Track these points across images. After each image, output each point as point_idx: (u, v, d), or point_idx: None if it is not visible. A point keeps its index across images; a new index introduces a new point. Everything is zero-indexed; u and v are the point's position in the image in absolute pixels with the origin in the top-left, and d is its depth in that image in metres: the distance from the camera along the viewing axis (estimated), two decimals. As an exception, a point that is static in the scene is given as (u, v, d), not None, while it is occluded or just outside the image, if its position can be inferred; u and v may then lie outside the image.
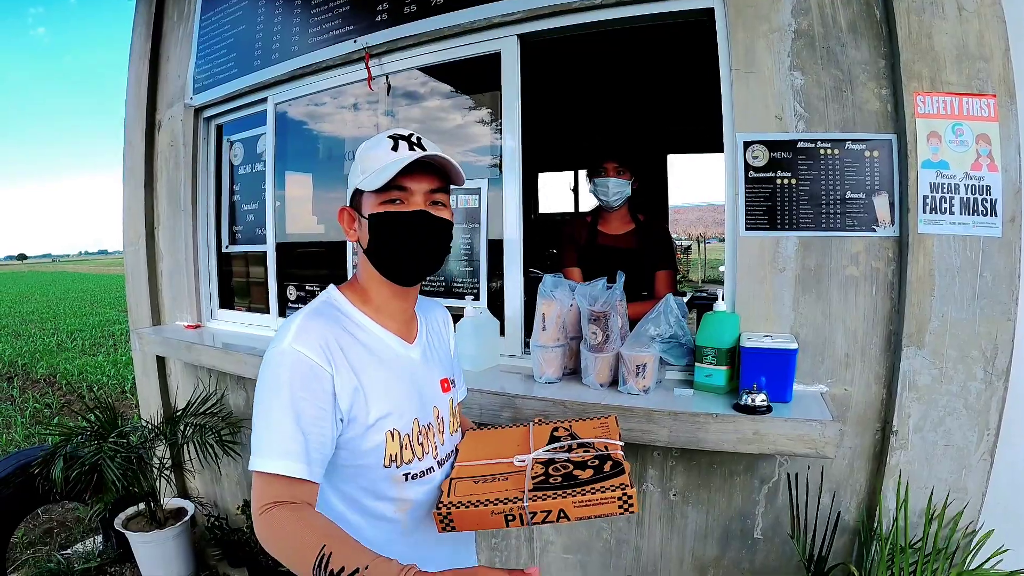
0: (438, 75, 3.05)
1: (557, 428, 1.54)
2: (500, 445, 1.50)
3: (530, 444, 1.46)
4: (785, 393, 1.99)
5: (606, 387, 2.24)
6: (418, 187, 1.31)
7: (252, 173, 3.86)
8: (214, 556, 3.83)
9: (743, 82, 2.16)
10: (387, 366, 1.36)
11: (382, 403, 1.31)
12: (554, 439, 1.47)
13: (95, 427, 3.48)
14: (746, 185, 2.16)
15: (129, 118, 4.40)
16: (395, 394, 1.34)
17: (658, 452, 2.35)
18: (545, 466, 1.33)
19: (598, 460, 1.32)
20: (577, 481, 1.24)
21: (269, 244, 3.68)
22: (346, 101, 3.37)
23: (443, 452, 1.46)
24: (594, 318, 2.21)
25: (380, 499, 1.36)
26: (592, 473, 1.26)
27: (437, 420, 1.45)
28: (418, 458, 1.37)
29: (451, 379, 1.56)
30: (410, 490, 1.37)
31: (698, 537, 2.38)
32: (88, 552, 4.14)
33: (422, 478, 1.39)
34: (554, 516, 1.19)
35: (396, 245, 1.32)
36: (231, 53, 3.67)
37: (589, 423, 1.56)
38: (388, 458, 1.32)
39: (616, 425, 1.52)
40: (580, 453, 1.37)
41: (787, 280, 2.14)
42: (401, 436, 1.34)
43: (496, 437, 1.58)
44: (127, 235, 4.44)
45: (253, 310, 3.96)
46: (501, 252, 2.73)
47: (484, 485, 1.32)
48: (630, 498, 1.17)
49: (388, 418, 1.31)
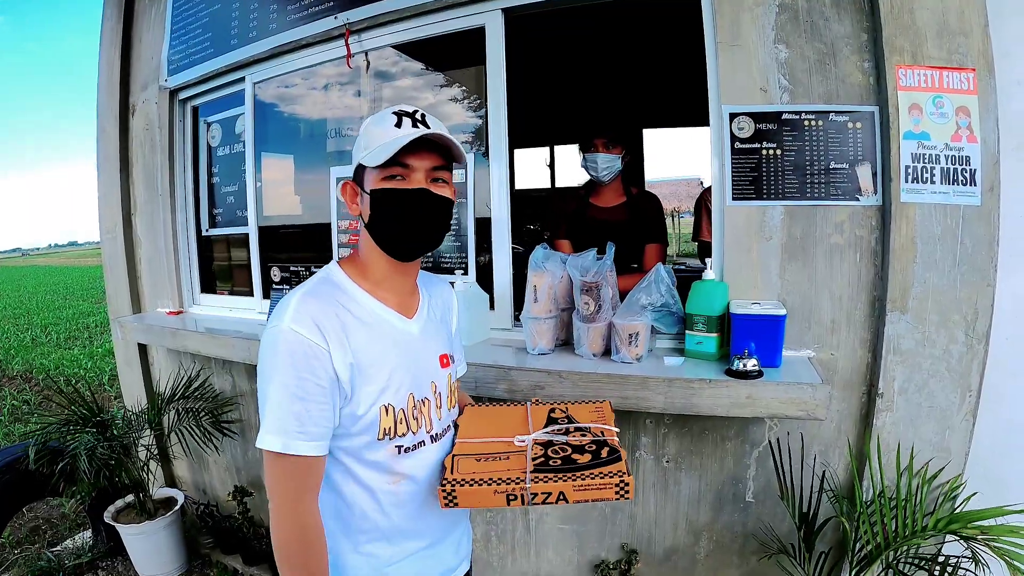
0: (419, 51, 3.11)
1: (554, 409, 1.64)
2: (500, 423, 1.58)
3: (529, 424, 1.55)
4: (775, 358, 2.10)
5: (599, 356, 2.35)
6: (420, 164, 1.35)
7: (231, 155, 3.89)
8: (206, 544, 3.89)
9: (728, 55, 2.26)
10: (383, 340, 1.40)
11: (377, 377, 1.36)
12: (552, 420, 1.56)
13: (73, 418, 3.49)
14: (732, 156, 2.27)
15: (102, 104, 4.39)
16: (390, 368, 1.39)
17: (650, 420, 2.47)
18: (544, 448, 1.43)
19: (595, 445, 1.43)
20: (576, 465, 1.35)
21: (251, 226, 3.73)
22: (325, 79, 3.41)
23: (439, 427, 1.50)
24: (586, 288, 2.30)
25: (373, 470, 1.41)
26: (590, 458, 1.37)
27: (434, 395, 1.49)
28: (412, 432, 1.42)
29: (451, 355, 1.59)
30: (402, 463, 1.42)
31: (691, 502, 2.50)
32: (79, 548, 4.16)
33: (414, 451, 1.44)
34: (554, 498, 1.30)
35: (395, 221, 1.36)
36: (207, 33, 3.69)
37: (585, 407, 1.67)
38: (382, 431, 1.37)
39: (611, 411, 1.64)
40: (578, 437, 1.47)
41: (773, 248, 2.25)
42: (395, 410, 1.38)
43: (495, 415, 1.66)
44: (103, 223, 4.46)
45: (236, 293, 4.00)
46: (487, 226, 2.82)
47: (486, 463, 1.40)
48: (627, 485, 1.29)
49: (383, 392, 1.37)
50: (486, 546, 2.93)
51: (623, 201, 3.12)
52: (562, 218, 3.18)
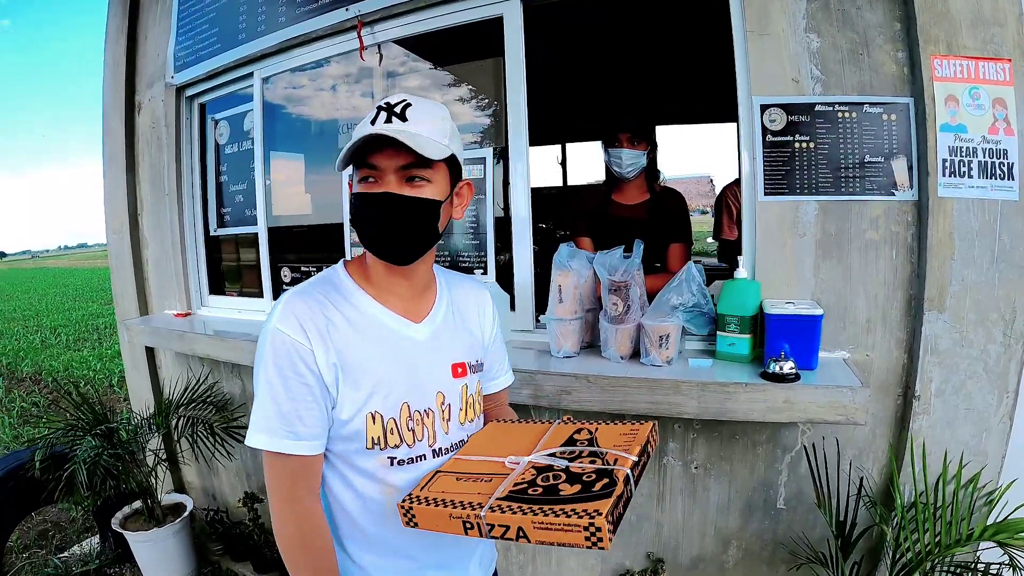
0: (435, 43, 3.01)
1: (581, 430, 1.37)
2: (511, 441, 1.40)
3: (539, 444, 1.34)
4: (811, 360, 2.03)
5: (627, 359, 2.28)
6: (388, 164, 1.26)
7: (239, 152, 3.83)
8: (216, 551, 3.84)
9: (758, 44, 2.18)
10: (374, 345, 1.34)
11: (362, 383, 1.31)
12: (570, 442, 1.32)
13: (79, 424, 3.44)
14: (764, 149, 2.19)
15: (107, 102, 4.34)
16: (380, 374, 1.33)
17: (679, 425, 2.39)
18: (538, 473, 1.21)
19: (595, 475, 1.15)
20: (556, 498, 1.10)
21: (260, 225, 3.66)
22: (336, 73, 3.34)
23: (445, 441, 1.43)
24: (614, 288, 2.23)
25: (366, 478, 1.37)
26: (579, 489, 1.11)
27: (441, 407, 1.42)
28: (407, 444, 1.36)
29: (470, 364, 1.50)
30: (395, 475, 1.36)
31: (720, 509, 2.43)
32: (86, 554, 4.12)
33: (410, 464, 1.37)
34: (512, 533, 1.08)
35: (366, 227, 1.31)
36: (213, 28, 3.63)
37: (618, 428, 1.36)
38: (370, 440, 1.32)
39: (652, 435, 1.32)
40: (585, 463, 1.20)
41: (807, 245, 2.18)
42: (384, 419, 1.33)
43: (513, 432, 1.48)
44: (109, 223, 4.41)
45: (245, 294, 3.95)
46: (506, 224, 2.74)
47: (463, 483, 1.24)
48: (598, 530, 1.00)
49: (370, 399, 1.32)
50: (505, 555, 2.86)
51: (646, 199, 3.03)
52: (583, 215, 3.10)
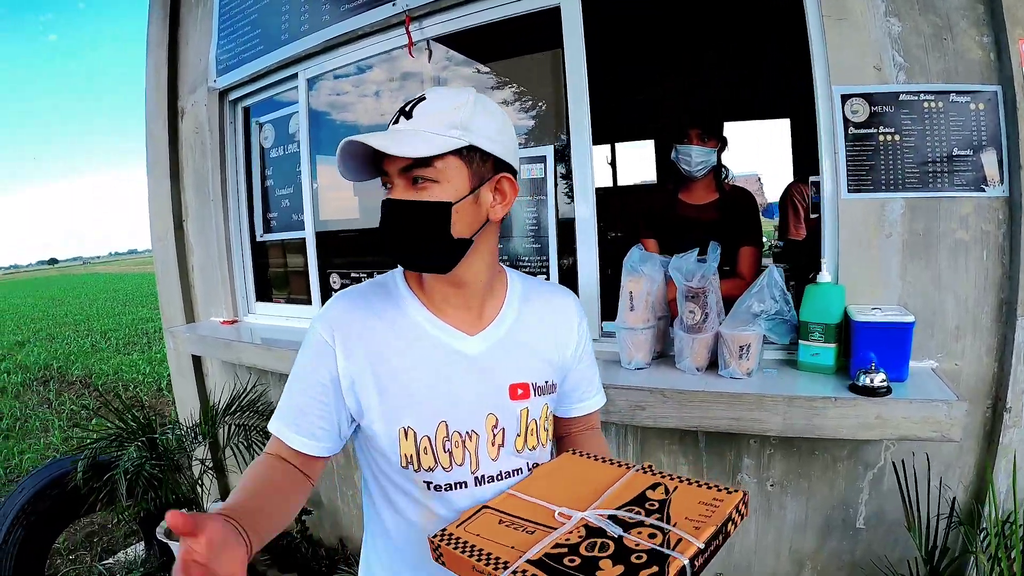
0: (487, 37, 2.90)
1: (658, 486, 1.15)
2: (576, 483, 1.22)
3: (602, 496, 1.14)
4: (902, 371, 1.89)
5: (703, 371, 2.15)
6: (392, 168, 1.17)
7: (285, 155, 3.78)
8: (262, 561, 3.80)
9: (836, 30, 2.04)
10: (414, 354, 1.25)
11: (394, 393, 1.23)
12: (640, 499, 1.11)
13: (123, 433, 3.42)
14: (846, 143, 2.05)
15: (150, 109, 4.34)
16: (414, 387, 1.23)
17: (755, 440, 2.26)
18: (587, 535, 1.03)
19: (646, 557, 0.94)
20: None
21: (308, 230, 3.60)
22: (383, 72, 3.27)
23: (492, 468, 1.28)
24: (691, 295, 2.11)
25: (405, 497, 1.29)
26: (618, 572, 0.92)
27: (491, 430, 1.27)
28: (443, 467, 1.24)
29: (535, 384, 1.33)
30: (433, 502, 1.26)
31: (796, 529, 2.29)
32: (130, 561, 4.11)
33: (448, 492, 1.26)
34: None
35: (379, 236, 1.22)
36: (256, 30, 3.59)
37: (701, 492, 1.11)
38: (404, 458, 1.24)
39: (740, 507, 1.07)
40: (643, 537, 0.99)
41: (893, 246, 2.03)
42: (417, 437, 1.23)
43: (583, 471, 1.28)
44: (154, 230, 4.40)
45: (293, 301, 3.90)
46: (567, 226, 2.61)
47: (503, 529, 1.10)
48: None
49: (401, 412, 1.23)
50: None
51: (715, 198, 2.88)
52: (648, 215, 2.96)
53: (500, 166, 1.21)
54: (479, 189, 1.18)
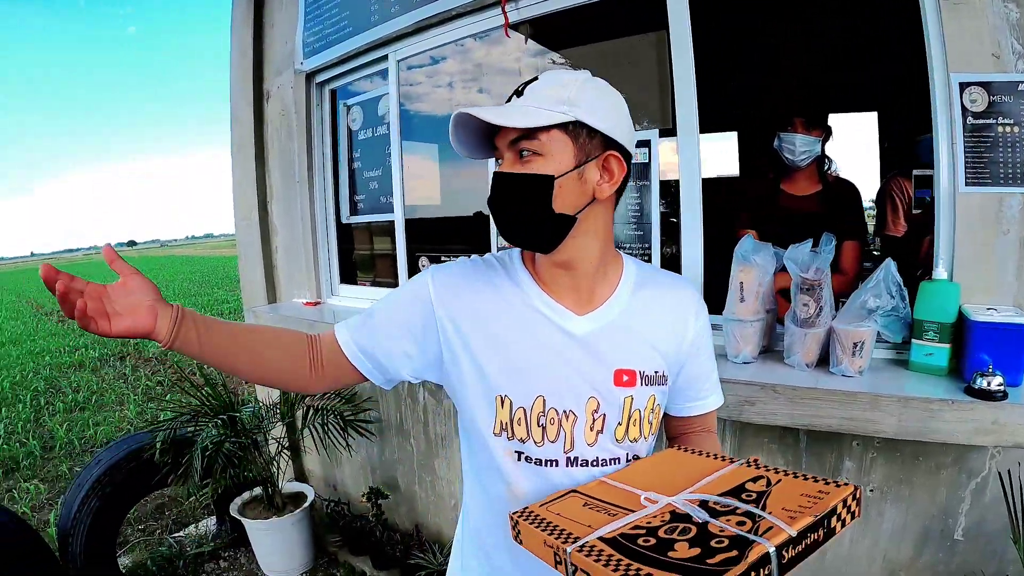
0: (588, 16, 2.77)
1: (760, 479, 1.07)
2: (672, 474, 1.16)
3: (696, 484, 1.08)
4: (1017, 376, 1.79)
5: (812, 367, 2.08)
6: (502, 143, 1.19)
7: (373, 138, 3.79)
8: (334, 542, 3.84)
9: (953, 15, 1.94)
10: (520, 327, 1.25)
11: (491, 359, 1.24)
12: (738, 491, 1.03)
13: (202, 409, 3.50)
14: (964, 134, 1.95)
15: (234, 92, 4.41)
16: (513, 356, 1.24)
17: (857, 442, 2.17)
18: (671, 519, 0.97)
19: (728, 542, 0.87)
20: (658, 558, 0.86)
21: (397, 213, 3.59)
22: (477, 54, 3.24)
23: (587, 453, 1.26)
24: (807, 287, 2.03)
25: (493, 472, 1.29)
26: (693, 556, 0.85)
27: (590, 414, 1.25)
28: (534, 441, 1.24)
29: (643, 373, 1.28)
30: (522, 473, 1.26)
31: (893, 537, 2.19)
32: (201, 535, 4.24)
33: (538, 466, 1.25)
34: None
35: (490, 208, 1.24)
36: (344, 12, 3.59)
37: (807, 484, 1.02)
38: (498, 424, 1.25)
39: (850, 503, 0.95)
40: (730, 523, 0.92)
41: (1011, 244, 1.92)
42: (513, 407, 1.24)
43: (683, 464, 1.22)
44: (238, 211, 4.48)
45: (378, 284, 3.91)
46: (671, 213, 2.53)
47: (586, 511, 1.06)
48: None
49: (498, 378, 1.24)
50: None
51: (818, 189, 2.80)
52: (749, 204, 2.89)
53: (609, 144, 1.18)
54: (584, 165, 1.17)
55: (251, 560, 3.89)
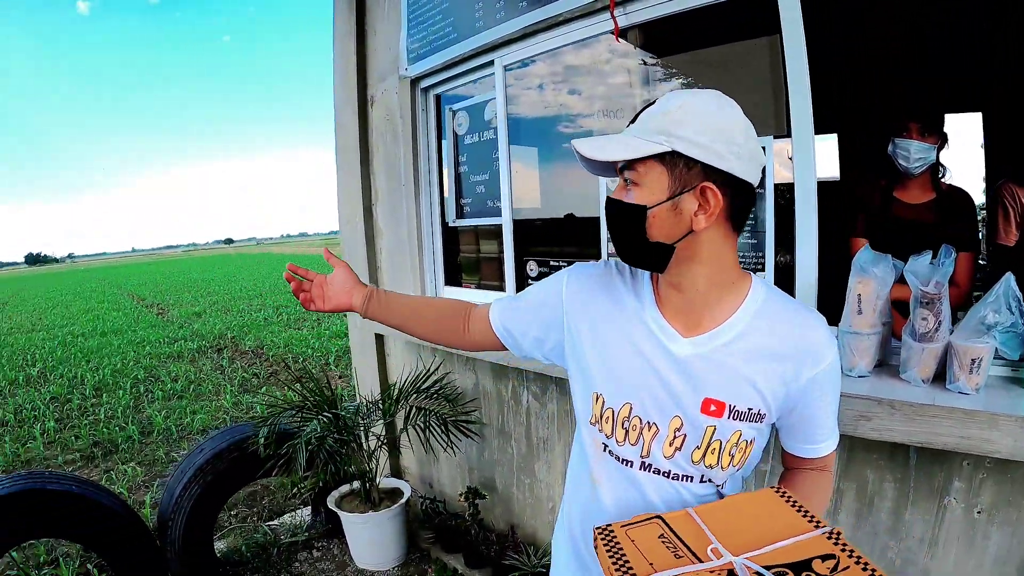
0: (694, 22, 2.72)
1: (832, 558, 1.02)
2: (753, 524, 1.13)
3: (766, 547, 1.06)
4: None
5: (928, 383, 2.03)
6: (616, 167, 1.25)
7: (480, 142, 3.83)
8: (427, 539, 3.93)
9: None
10: (626, 337, 1.32)
11: (597, 362, 1.35)
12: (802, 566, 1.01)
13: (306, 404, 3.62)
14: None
15: (338, 98, 4.55)
16: (615, 364, 1.33)
17: (968, 463, 2.12)
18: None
19: None
20: None
21: (505, 217, 3.61)
22: (583, 60, 3.24)
23: (663, 464, 1.29)
24: (926, 301, 1.98)
25: (587, 457, 1.43)
26: None
27: (672, 431, 1.27)
28: (616, 440, 1.33)
29: (733, 407, 1.25)
30: (604, 463, 1.38)
31: (998, 561, 2.13)
32: (296, 525, 4.38)
33: (617, 462, 1.35)
34: None
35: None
36: (448, 18, 3.66)
37: None
38: (594, 415, 1.37)
39: None
40: None
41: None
42: (604, 406, 1.34)
43: (770, 514, 1.17)
44: (343, 213, 4.61)
45: (484, 287, 3.95)
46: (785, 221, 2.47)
47: (657, 544, 1.08)
48: None
49: (597, 379, 1.36)
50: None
51: (932, 198, 2.72)
52: (862, 211, 2.81)
53: (709, 174, 1.13)
54: (679, 196, 1.15)
55: (344, 551, 4.01)
